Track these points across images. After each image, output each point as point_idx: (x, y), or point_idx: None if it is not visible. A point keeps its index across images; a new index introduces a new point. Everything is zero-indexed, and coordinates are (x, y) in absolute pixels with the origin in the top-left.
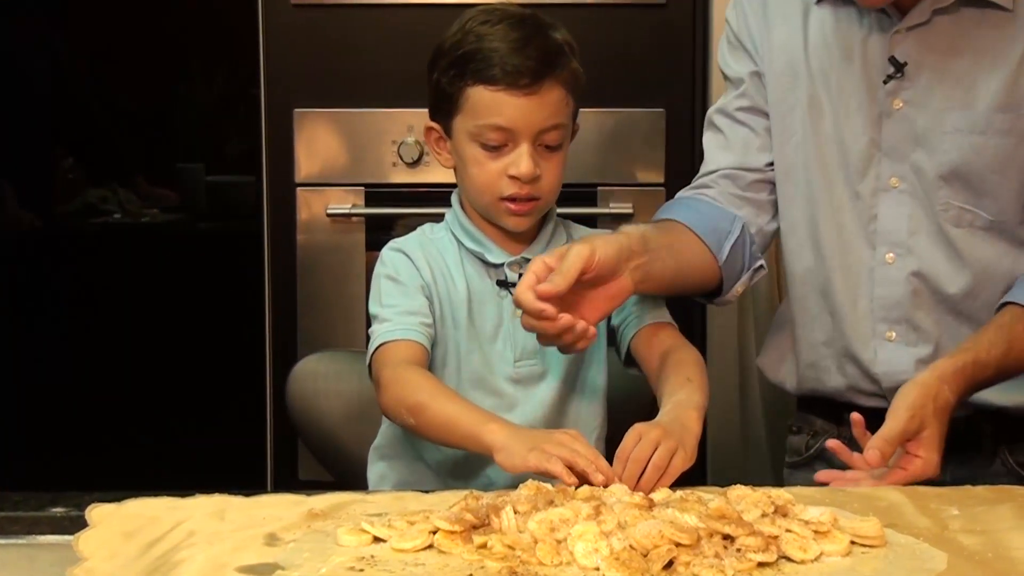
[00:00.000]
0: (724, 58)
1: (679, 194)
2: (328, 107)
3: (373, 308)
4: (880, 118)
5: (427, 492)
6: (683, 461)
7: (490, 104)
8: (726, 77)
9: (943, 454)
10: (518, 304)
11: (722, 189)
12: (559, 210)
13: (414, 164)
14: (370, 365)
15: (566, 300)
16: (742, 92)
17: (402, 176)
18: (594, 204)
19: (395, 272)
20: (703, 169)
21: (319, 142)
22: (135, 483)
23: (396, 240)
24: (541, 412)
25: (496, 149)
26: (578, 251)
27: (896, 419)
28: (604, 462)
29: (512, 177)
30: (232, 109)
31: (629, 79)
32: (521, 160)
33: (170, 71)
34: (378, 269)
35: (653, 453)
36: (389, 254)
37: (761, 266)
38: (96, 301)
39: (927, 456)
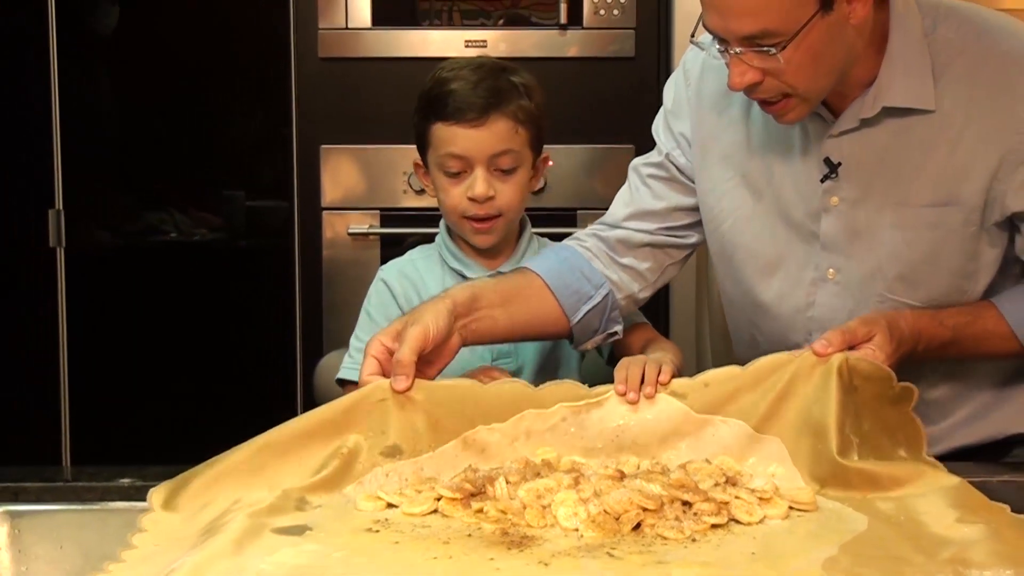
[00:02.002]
0: (656, 126)
1: (566, 240)
2: (349, 143)
3: (353, 335)
4: (819, 213)
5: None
6: (671, 368)
7: (447, 137)
8: (654, 140)
9: None
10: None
11: (604, 247)
12: (544, 229)
13: (421, 192)
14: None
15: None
16: (659, 163)
17: (411, 201)
18: (574, 225)
19: (371, 307)
20: (606, 215)
21: (341, 173)
22: (185, 459)
23: (387, 265)
24: None
25: (456, 175)
26: (413, 334)
27: (849, 323)
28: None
29: (471, 199)
30: (268, 145)
31: (604, 120)
32: (476, 183)
33: (217, 114)
34: (365, 301)
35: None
36: (375, 287)
37: (615, 332)
38: (155, 306)
39: (875, 352)
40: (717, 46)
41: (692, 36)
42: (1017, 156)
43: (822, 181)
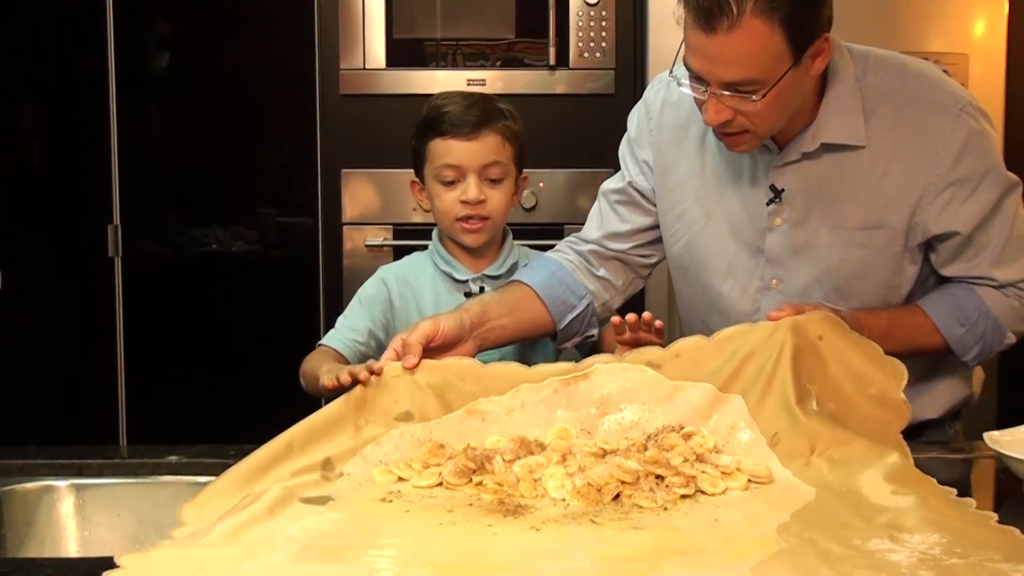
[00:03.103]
0: (622, 152)
1: (549, 253)
2: (366, 168)
3: (342, 314)
4: (764, 232)
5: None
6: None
7: (443, 150)
8: (620, 163)
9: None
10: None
11: (582, 260)
12: (537, 242)
13: (429, 211)
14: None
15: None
16: (623, 189)
17: (419, 218)
18: (561, 237)
19: (365, 296)
20: (583, 232)
21: (360, 193)
22: (223, 439)
23: (387, 266)
24: None
25: (451, 183)
26: (423, 326)
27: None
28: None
29: (464, 202)
30: (296, 169)
31: (587, 148)
32: (469, 188)
33: (252, 142)
34: (360, 289)
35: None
36: (372, 281)
37: (591, 336)
38: (199, 308)
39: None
40: (694, 83)
41: (671, 71)
42: (935, 188)
43: (768, 204)
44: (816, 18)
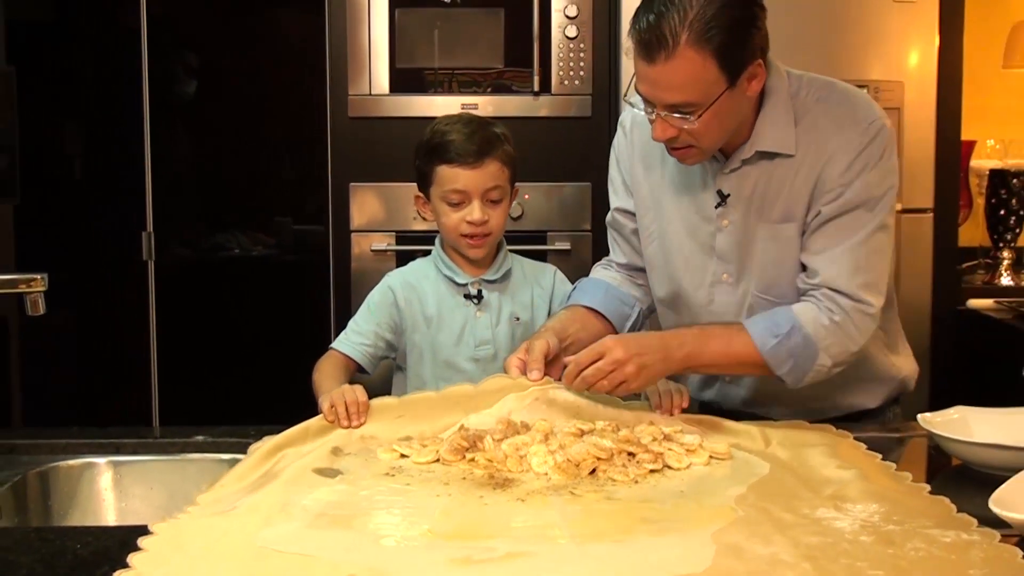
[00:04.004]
0: (611, 175)
1: (596, 274)
2: (371, 182)
3: (352, 319)
4: (715, 232)
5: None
6: (687, 394)
7: (450, 176)
8: (607, 183)
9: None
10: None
11: (622, 276)
12: (522, 247)
13: (427, 220)
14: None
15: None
16: (613, 222)
17: (418, 226)
18: (544, 243)
19: (372, 303)
20: (611, 256)
21: (366, 204)
22: (243, 422)
23: (392, 272)
24: None
25: (457, 204)
26: (538, 344)
27: (579, 354)
28: (354, 408)
29: (469, 222)
30: (310, 183)
31: (567, 165)
32: (474, 211)
33: (270, 159)
34: (370, 295)
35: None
36: (379, 288)
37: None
38: (223, 306)
39: (603, 364)
40: (645, 105)
41: (624, 96)
42: (823, 181)
43: (716, 208)
44: (747, 46)
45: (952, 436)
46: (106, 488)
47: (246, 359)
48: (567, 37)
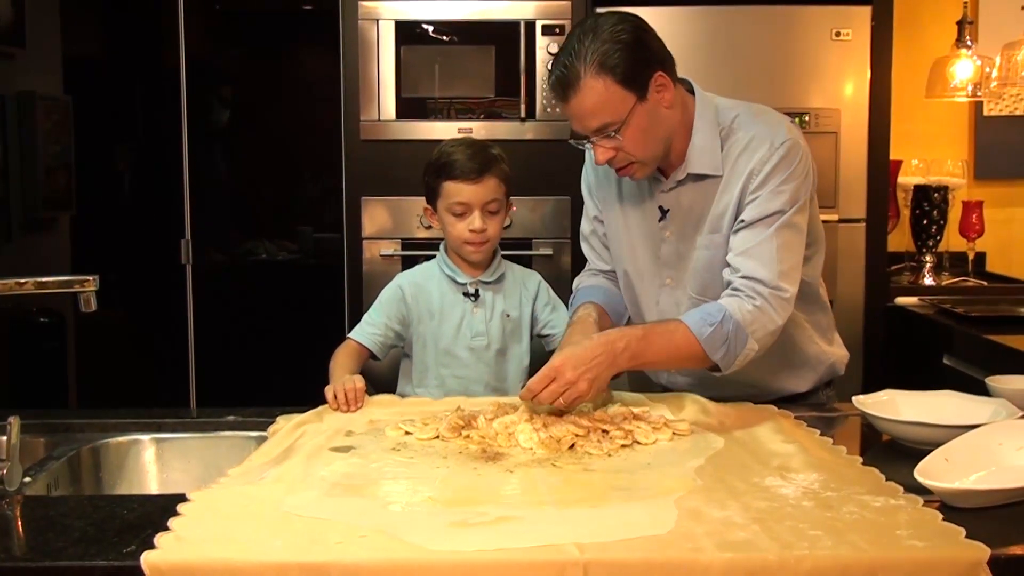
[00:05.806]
0: (584, 192)
1: (589, 281)
2: (381, 196)
3: (367, 312)
4: (660, 243)
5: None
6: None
7: (455, 191)
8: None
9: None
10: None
11: (611, 281)
12: (510, 252)
13: (428, 227)
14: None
15: None
16: (586, 236)
17: (422, 234)
18: (530, 249)
19: (384, 298)
20: (592, 266)
21: (376, 215)
22: (268, 404)
23: (403, 273)
24: (486, 369)
25: (460, 215)
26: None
27: (531, 379)
28: (352, 395)
29: (471, 230)
30: (327, 197)
31: (549, 181)
32: (475, 221)
33: (293, 176)
34: (382, 292)
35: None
36: (390, 286)
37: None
38: (252, 306)
39: (569, 389)
40: (581, 139)
41: (569, 138)
42: (743, 194)
43: (659, 221)
44: (645, 62)
45: (882, 415)
46: (150, 462)
47: (271, 349)
48: (550, 71)
